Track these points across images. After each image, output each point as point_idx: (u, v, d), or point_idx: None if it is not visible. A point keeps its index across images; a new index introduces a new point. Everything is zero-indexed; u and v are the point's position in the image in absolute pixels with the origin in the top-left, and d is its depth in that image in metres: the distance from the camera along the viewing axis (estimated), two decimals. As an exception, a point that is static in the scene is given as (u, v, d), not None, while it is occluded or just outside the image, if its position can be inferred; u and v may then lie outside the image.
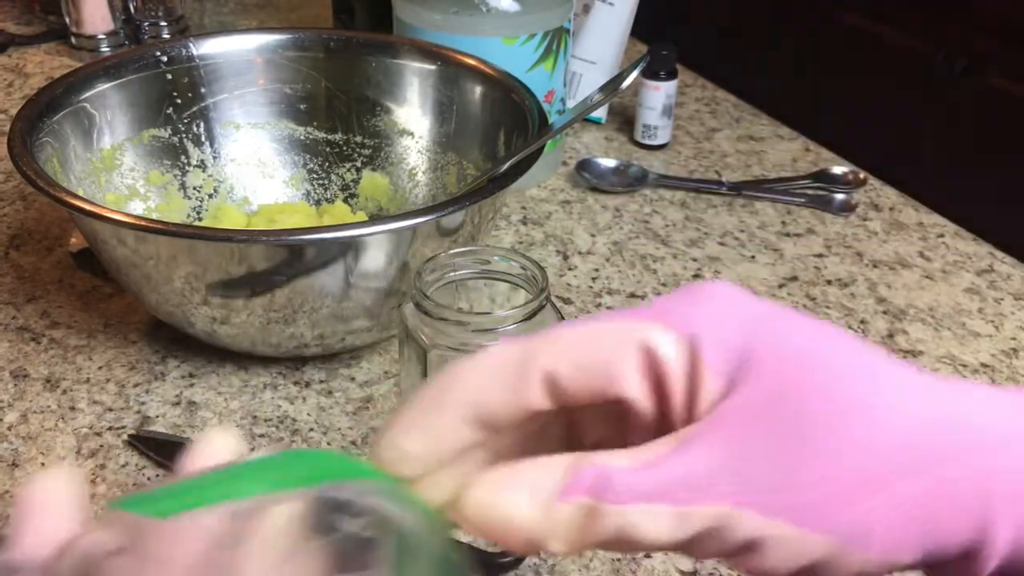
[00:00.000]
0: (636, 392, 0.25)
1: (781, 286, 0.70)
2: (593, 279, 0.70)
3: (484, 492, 0.25)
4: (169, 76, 0.68)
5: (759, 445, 0.23)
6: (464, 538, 0.48)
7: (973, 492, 0.23)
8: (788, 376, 0.24)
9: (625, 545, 0.24)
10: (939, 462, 0.23)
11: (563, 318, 0.46)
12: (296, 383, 0.59)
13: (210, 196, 0.70)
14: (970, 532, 0.23)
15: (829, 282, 0.70)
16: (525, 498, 0.24)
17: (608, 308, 0.67)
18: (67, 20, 1.03)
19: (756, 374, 0.24)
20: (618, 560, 0.48)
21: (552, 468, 0.24)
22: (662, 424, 0.25)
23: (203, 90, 0.70)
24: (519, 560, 0.47)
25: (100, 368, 0.60)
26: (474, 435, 0.26)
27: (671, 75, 0.85)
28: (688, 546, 0.24)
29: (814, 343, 0.25)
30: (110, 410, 0.57)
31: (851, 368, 0.24)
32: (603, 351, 0.25)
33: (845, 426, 0.23)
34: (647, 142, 0.87)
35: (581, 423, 0.28)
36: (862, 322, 0.66)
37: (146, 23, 1.06)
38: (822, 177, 0.83)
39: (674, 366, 0.25)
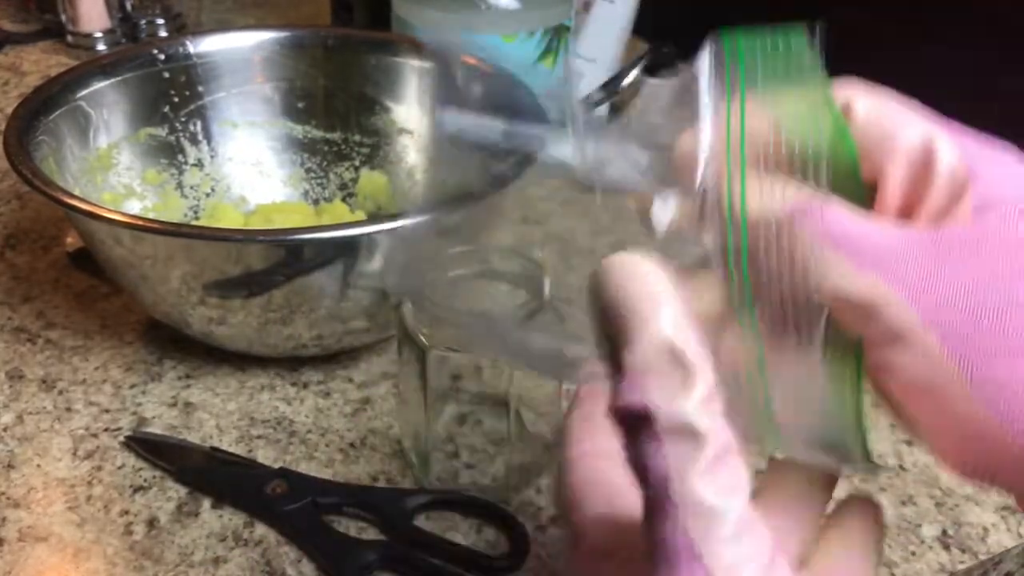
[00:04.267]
0: (895, 176, 0.25)
1: (783, 286, 0.69)
2: (593, 279, 0.69)
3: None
4: (166, 74, 0.68)
5: (960, 267, 0.23)
6: (462, 540, 0.48)
7: None
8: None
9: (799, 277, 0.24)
10: None
11: (563, 319, 0.45)
12: (294, 384, 0.58)
13: (207, 195, 0.70)
14: None
15: (831, 281, 0.70)
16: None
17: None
18: (63, 18, 1.03)
19: (1000, 214, 0.24)
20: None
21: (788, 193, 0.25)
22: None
23: (200, 88, 0.69)
24: (519, 562, 0.46)
25: (96, 369, 0.59)
26: None
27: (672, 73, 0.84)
28: (845, 310, 0.24)
29: None
30: (106, 411, 0.56)
31: None
32: (891, 126, 0.26)
33: None
34: (647, 140, 0.87)
35: None
36: (865, 322, 0.65)
37: (143, 21, 1.06)
38: (824, 176, 0.82)
39: (943, 178, 0.25)
